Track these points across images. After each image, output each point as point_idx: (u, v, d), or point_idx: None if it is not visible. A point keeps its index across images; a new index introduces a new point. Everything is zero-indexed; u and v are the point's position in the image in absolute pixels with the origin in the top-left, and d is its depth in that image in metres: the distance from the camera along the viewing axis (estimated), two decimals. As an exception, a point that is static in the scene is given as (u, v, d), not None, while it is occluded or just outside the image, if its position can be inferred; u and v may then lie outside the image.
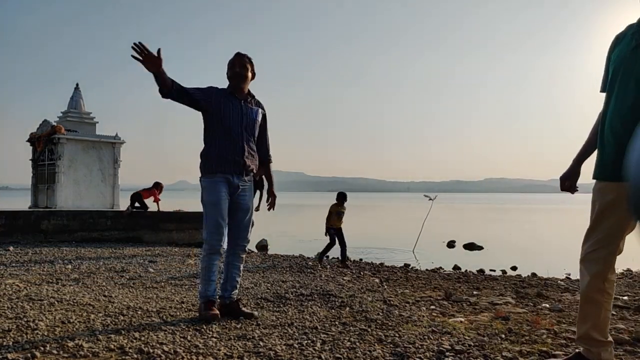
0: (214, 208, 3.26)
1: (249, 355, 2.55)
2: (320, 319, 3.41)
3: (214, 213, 3.26)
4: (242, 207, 3.40)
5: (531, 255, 11.60)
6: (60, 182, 10.70)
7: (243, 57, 3.41)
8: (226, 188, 3.31)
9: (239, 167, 3.33)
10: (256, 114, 3.45)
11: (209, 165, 3.33)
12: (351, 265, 7.76)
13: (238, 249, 3.44)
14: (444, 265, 8.66)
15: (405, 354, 2.64)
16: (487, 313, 3.97)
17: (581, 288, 2.35)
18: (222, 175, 3.29)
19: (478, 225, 23.56)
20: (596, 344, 2.30)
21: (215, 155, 3.31)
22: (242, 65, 3.38)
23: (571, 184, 2.50)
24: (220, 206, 3.27)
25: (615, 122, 2.22)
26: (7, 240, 7.89)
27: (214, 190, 3.28)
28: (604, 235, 2.26)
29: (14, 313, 3.32)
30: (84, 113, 11.83)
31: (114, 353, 2.53)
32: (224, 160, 3.30)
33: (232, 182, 3.32)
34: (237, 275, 3.44)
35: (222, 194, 3.28)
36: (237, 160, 3.32)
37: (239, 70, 3.37)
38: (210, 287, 3.29)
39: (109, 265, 5.80)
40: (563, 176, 2.53)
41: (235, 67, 3.37)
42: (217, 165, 3.30)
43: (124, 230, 8.73)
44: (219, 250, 3.31)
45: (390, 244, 13.24)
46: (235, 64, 3.38)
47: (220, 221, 3.27)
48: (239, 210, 3.39)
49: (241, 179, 3.36)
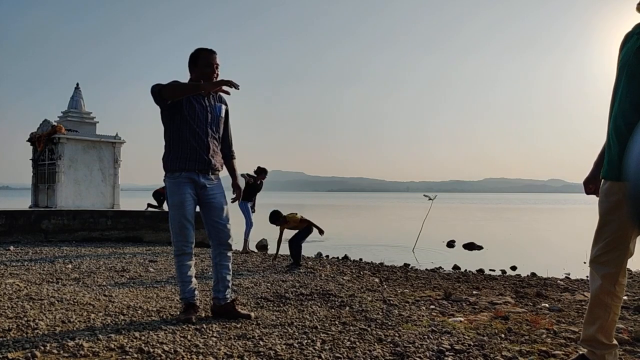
0: (177, 210, 3.22)
1: (249, 354, 2.55)
2: (320, 318, 3.41)
3: (177, 214, 3.22)
4: (214, 206, 3.32)
5: (531, 255, 11.60)
6: (61, 182, 10.71)
7: (216, 53, 3.30)
8: (191, 188, 3.24)
9: (205, 165, 3.26)
10: (219, 110, 3.36)
11: (172, 163, 3.25)
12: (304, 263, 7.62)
13: (222, 248, 3.36)
14: (444, 265, 8.67)
15: (405, 353, 2.64)
16: (486, 313, 3.97)
17: (591, 290, 2.33)
18: (186, 174, 3.22)
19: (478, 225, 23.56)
20: (601, 347, 2.29)
21: (179, 153, 3.23)
22: (217, 63, 3.29)
23: (595, 187, 2.46)
24: (185, 207, 3.21)
25: (620, 122, 2.21)
26: (7, 240, 7.89)
27: (177, 192, 3.22)
28: (612, 237, 2.25)
29: (14, 312, 3.32)
30: (84, 113, 11.84)
31: (114, 352, 2.54)
32: (188, 159, 3.21)
33: (198, 182, 3.25)
34: (227, 274, 3.37)
35: (187, 195, 3.22)
36: (202, 158, 3.24)
37: (215, 69, 3.27)
38: (185, 288, 3.27)
39: (110, 265, 5.80)
40: (586, 180, 2.49)
41: (212, 65, 3.25)
42: (182, 164, 3.22)
43: (124, 230, 8.73)
44: (186, 252, 3.27)
45: (390, 244, 13.25)
46: (212, 61, 3.26)
47: (184, 222, 3.22)
48: (212, 209, 3.32)
49: (207, 177, 3.29)
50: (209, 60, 3.26)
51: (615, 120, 2.24)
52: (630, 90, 2.18)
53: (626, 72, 2.21)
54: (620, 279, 2.26)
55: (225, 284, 3.37)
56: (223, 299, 3.35)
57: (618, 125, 2.22)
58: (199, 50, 3.30)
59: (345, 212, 35.51)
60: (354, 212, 37.53)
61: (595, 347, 2.31)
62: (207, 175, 3.29)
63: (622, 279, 2.27)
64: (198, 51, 3.29)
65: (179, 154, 3.23)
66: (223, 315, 3.30)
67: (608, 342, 2.30)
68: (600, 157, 2.45)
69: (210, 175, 3.31)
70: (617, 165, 2.19)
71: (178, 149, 3.23)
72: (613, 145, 2.25)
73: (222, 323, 3.17)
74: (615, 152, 2.23)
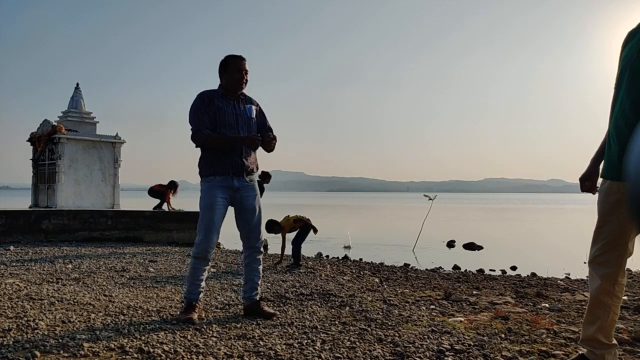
0: (206, 212, 3.31)
1: (249, 354, 2.55)
2: (320, 318, 3.41)
3: (206, 217, 3.31)
4: (246, 208, 3.40)
5: (531, 255, 11.61)
6: (61, 182, 10.71)
7: (245, 60, 3.41)
8: (223, 192, 3.32)
9: (238, 168, 3.34)
10: (250, 112, 3.45)
11: (206, 169, 3.36)
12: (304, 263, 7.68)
13: (252, 250, 3.47)
14: (444, 265, 8.67)
15: (405, 353, 2.64)
16: (486, 313, 3.97)
17: (590, 290, 2.32)
18: (220, 178, 3.31)
19: (478, 225, 23.56)
20: (601, 347, 2.29)
21: (213, 158, 3.33)
22: (246, 69, 3.39)
23: (592, 184, 2.45)
24: (214, 210, 3.29)
25: (620, 121, 2.20)
26: (7, 240, 7.89)
27: (209, 195, 3.32)
28: (611, 237, 2.24)
29: (14, 312, 3.32)
30: (84, 113, 11.84)
31: (114, 352, 2.54)
32: (221, 163, 3.31)
33: (232, 185, 3.34)
34: (256, 277, 3.47)
35: (217, 199, 3.30)
36: (235, 162, 3.33)
37: (244, 74, 3.37)
38: (192, 289, 3.32)
39: (110, 265, 5.80)
40: (582, 177, 2.48)
41: (241, 70, 3.36)
42: (215, 168, 3.31)
43: (124, 230, 8.73)
44: (206, 257, 3.33)
45: (390, 244, 13.25)
46: (241, 67, 3.36)
47: (210, 225, 3.29)
48: (243, 211, 3.41)
49: (241, 180, 3.37)
50: (238, 66, 3.36)
51: (616, 119, 2.23)
52: (632, 89, 2.17)
53: (629, 70, 2.19)
54: (619, 279, 2.26)
55: (253, 285, 3.46)
56: (249, 298, 3.44)
57: (619, 124, 2.20)
58: (228, 57, 3.40)
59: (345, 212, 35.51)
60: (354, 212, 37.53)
61: (595, 347, 2.30)
62: (242, 177, 3.37)
63: (621, 279, 2.26)
64: (227, 58, 3.40)
65: (212, 160, 3.34)
66: (249, 314, 3.40)
67: (608, 342, 2.29)
68: (597, 154, 2.44)
69: (244, 178, 3.38)
70: (617, 164, 2.17)
71: (211, 154, 3.34)
72: (613, 144, 2.24)
73: (222, 323, 3.17)
74: (615, 151, 2.21)
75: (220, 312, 3.53)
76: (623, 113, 2.19)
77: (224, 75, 3.39)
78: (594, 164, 2.45)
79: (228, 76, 3.37)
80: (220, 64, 3.41)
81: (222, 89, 3.41)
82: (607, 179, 2.29)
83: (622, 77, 2.23)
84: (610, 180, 2.27)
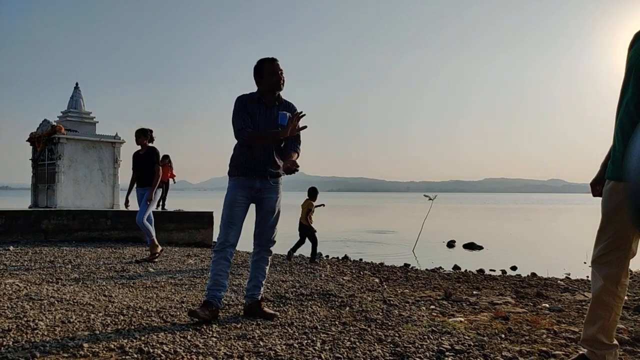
0: (227, 208, 3.40)
1: (249, 355, 2.55)
2: (320, 318, 3.41)
3: (226, 212, 3.40)
4: (265, 208, 3.46)
5: (531, 255, 11.61)
6: (60, 182, 10.71)
7: (277, 60, 3.39)
8: (245, 191, 3.40)
9: (262, 173, 3.40)
10: (284, 119, 3.39)
11: (233, 170, 3.46)
12: (320, 262, 7.83)
13: (262, 250, 3.50)
14: (444, 265, 8.67)
15: (405, 353, 2.64)
16: (486, 313, 3.97)
17: (593, 290, 2.31)
18: (243, 178, 3.39)
19: (478, 225, 23.56)
20: (602, 347, 2.28)
21: (240, 160, 3.41)
22: (281, 69, 3.37)
23: (603, 189, 2.41)
24: (233, 207, 3.37)
25: (626, 122, 2.19)
26: (7, 240, 7.89)
27: (231, 192, 3.42)
28: (614, 237, 2.23)
29: (14, 313, 3.32)
30: (84, 113, 11.84)
31: (114, 353, 2.53)
32: (247, 166, 3.38)
33: (254, 185, 3.40)
34: (260, 276, 3.50)
35: (238, 197, 3.38)
36: (259, 168, 3.39)
37: (280, 75, 3.35)
38: (210, 283, 3.34)
39: (109, 265, 5.80)
40: (593, 182, 2.48)
41: (276, 72, 3.34)
42: (240, 170, 3.40)
43: (124, 230, 8.72)
44: (223, 249, 3.36)
45: (390, 244, 13.25)
46: (276, 69, 3.34)
47: (229, 221, 3.37)
48: (262, 210, 3.47)
49: (264, 181, 3.41)
50: (273, 69, 3.35)
51: (621, 120, 2.22)
52: (638, 90, 2.16)
53: (634, 72, 2.18)
54: (622, 279, 2.25)
55: (255, 283, 3.48)
56: (250, 297, 3.46)
57: (624, 125, 2.20)
58: (261, 61, 3.39)
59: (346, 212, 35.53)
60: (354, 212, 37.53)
61: (595, 347, 2.30)
62: (265, 179, 3.42)
63: (624, 280, 2.26)
64: (261, 63, 3.39)
65: (239, 161, 3.42)
66: (249, 313, 3.41)
67: (609, 342, 2.29)
68: (607, 158, 2.42)
69: (268, 180, 3.43)
70: (621, 165, 2.17)
71: (240, 156, 3.42)
72: (618, 145, 2.23)
73: (222, 323, 3.17)
74: (620, 152, 2.20)
75: (220, 312, 3.52)
76: (628, 114, 2.18)
77: (261, 81, 3.37)
78: (604, 169, 2.43)
79: (265, 81, 3.35)
80: (255, 70, 3.39)
81: (259, 92, 3.41)
82: (611, 179, 2.28)
83: (628, 78, 2.22)
84: (614, 181, 2.26)
